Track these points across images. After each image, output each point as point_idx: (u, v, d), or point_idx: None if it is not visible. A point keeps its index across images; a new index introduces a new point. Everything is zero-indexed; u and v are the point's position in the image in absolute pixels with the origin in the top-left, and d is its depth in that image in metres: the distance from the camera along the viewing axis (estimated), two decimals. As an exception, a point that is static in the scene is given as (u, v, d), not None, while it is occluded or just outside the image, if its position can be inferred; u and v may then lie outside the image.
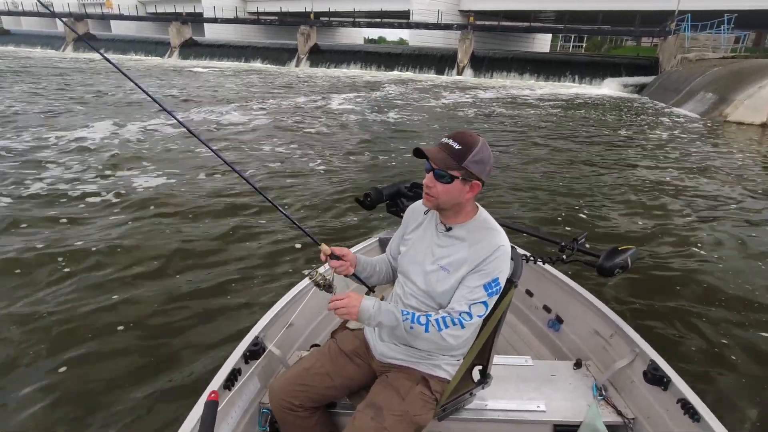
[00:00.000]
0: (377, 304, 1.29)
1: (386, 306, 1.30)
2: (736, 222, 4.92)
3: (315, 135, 9.06)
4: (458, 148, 1.22)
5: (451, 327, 1.26)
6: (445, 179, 1.24)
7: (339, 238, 4.15)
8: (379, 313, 1.27)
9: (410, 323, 1.26)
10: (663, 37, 24.16)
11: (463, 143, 1.23)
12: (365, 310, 1.27)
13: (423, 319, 1.27)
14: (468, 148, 1.23)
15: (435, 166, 1.24)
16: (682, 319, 3.05)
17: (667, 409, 1.53)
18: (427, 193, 1.30)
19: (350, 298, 1.28)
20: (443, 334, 1.26)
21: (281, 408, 1.42)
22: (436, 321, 1.27)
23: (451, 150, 1.23)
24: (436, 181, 1.26)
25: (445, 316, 1.28)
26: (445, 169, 1.23)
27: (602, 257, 1.77)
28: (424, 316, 1.28)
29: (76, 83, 16.69)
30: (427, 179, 1.28)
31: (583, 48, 54.96)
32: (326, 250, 1.40)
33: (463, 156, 1.22)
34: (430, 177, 1.27)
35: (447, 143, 1.24)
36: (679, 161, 7.90)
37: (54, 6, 47.57)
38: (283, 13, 40.49)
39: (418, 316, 1.28)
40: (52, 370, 2.40)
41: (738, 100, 13.09)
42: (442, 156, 1.23)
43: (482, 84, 24.14)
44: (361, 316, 1.28)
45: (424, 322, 1.27)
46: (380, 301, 1.31)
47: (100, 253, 3.66)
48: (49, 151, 6.83)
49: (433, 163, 1.24)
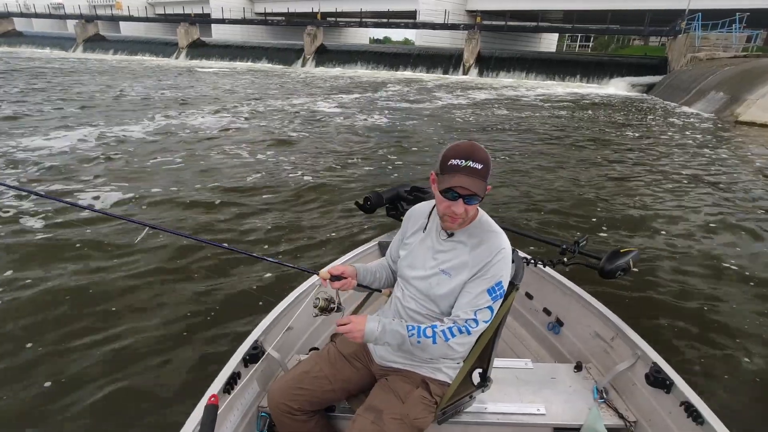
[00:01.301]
0: (381, 325, 1.29)
1: (390, 326, 1.29)
2: (743, 225, 4.85)
3: (315, 135, 9.07)
4: (482, 168, 1.20)
5: (459, 336, 1.27)
6: (476, 201, 1.24)
7: (339, 241, 4.16)
8: (384, 334, 1.28)
9: (417, 338, 1.26)
10: (672, 37, 23.92)
11: (482, 161, 1.20)
12: (370, 333, 1.28)
13: (429, 331, 1.27)
14: (488, 164, 1.22)
15: (467, 194, 1.21)
16: (685, 321, 3.02)
17: (669, 412, 1.52)
18: (454, 218, 1.26)
19: (355, 322, 1.28)
20: (451, 343, 1.26)
21: (280, 411, 1.42)
22: (443, 332, 1.27)
23: (477, 173, 1.20)
24: (467, 206, 1.24)
25: (451, 326, 1.28)
26: (479, 193, 1.21)
27: (604, 260, 1.76)
28: (429, 328, 1.28)
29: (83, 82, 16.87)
30: (457, 207, 1.23)
31: (589, 47, 54.61)
32: (325, 275, 1.41)
33: (487, 173, 1.22)
34: (461, 204, 1.23)
35: (469, 166, 1.19)
36: (687, 161, 7.80)
37: (65, 8, 48.35)
38: (289, 13, 40.70)
39: (424, 328, 1.27)
40: (51, 374, 2.41)
41: (750, 100, 12.91)
42: (475, 183, 1.20)
43: (488, 84, 24.06)
44: (366, 339, 1.29)
45: (431, 334, 1.26)
46: (384, 321, 1.30)
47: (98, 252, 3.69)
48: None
49: (466, 191, 1.20)
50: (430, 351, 1.29)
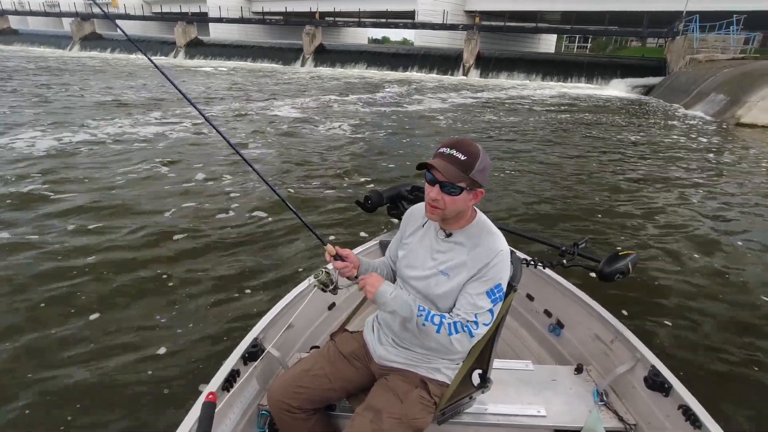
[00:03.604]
0: (396, 292, 1.30)
1: (404, 297, 1.30)
2: (743, 227, 4.86)
3: (315, 136, 9.06)
4: (464, 159, 1.19)
5: (461, 333, 1.27)
6: (454, 192, 1.22)
7: (340, 240, 4.14)
8: (394, 300, 1.28)
9: (423, 320, 1.27)
10: (671, 38, 23.99)
11: (467, 153, 1.20)
12: (381, 294, 1.29)
13: (437, 319, 1.27)
14: (473, 157, 1.20)
15: (443, 180, 1.21)
16: (684, 325, 3.02)
17: (668, 415, 1.53)
18: (433, 206, 1.26)
19: (373, 278, 1.31)
20: (452, 338, 1.27)
21: (280, 409, 1.42)
22: (449, 325, 1.27)
23: (457, 161, 1.19)
24: (443, 194, 1.23)
25: (456, 321, 1.28)
26: (454, 181, 1.20)
27: (603, 262, 1.75)
28: (438, 317, 1.28)
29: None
30: (434, 192, 1.23)
31: (587, 48, 54.73)
32: (331, 251, 1.41)
33: (470, 166, 1.20)
34: (437, 190, 1.22)
35: (452, 154, 1.20)
36: (690, 164, 7.77)
37: (60, 6, 48.13)
38: (288, 12, 40.62)
39: (433, 315, 1.28)
40: (48, 367, 2.41)
41: (751, 102, 12.92)
42: (450, 168, 1.19)
43: (488, 85, 24.06)
44: (376, 298, 1.29)
45: (438, 322, 1.27)
46: (400, 291, 1.32)
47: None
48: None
49: (441, 176, 1.21)
50: (430, 337, 1.29)
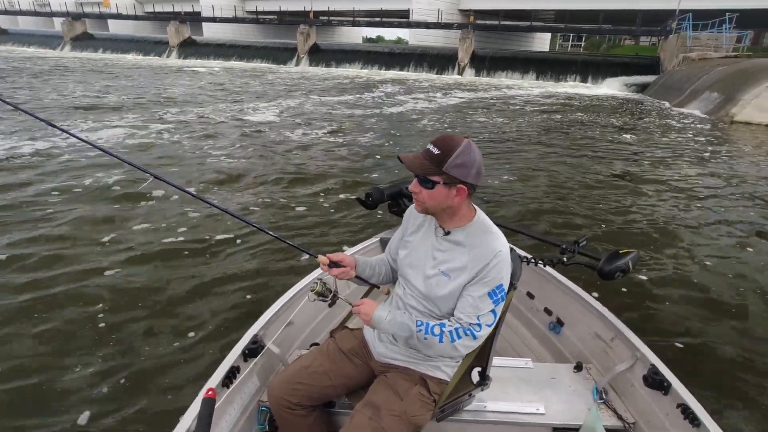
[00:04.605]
0: (391, 315, 1.32)
1: (400, 318, 1.32)
2: (742, 226, 4.86)
3: (314, 136, 9.05)
4: (437, 153, 1.22)
5: (464, 338, 1.29)
6: (428, 185, 1.25)
7: (340, 237, 4.13)
8: (391, 325, 1.32)
9: (424, 334, 1.29)
10: (664, 37, 24.13)
11: (442, 147, 1.22)
12: (377, 321, 1.33)
13: (437, 329, 1.29)
14: (447, 152, 1.22)
15: (418, 173, 1.26)
16: (683, 323, 3.03)
17: (667, 413, 1.53)
18: (415, 198, 1.33)
19: (366, 305, 1.34)
20: (456, 345, 1.29)
21: (280, 406, 1.42)
22: (450, 333, 1.29)
23: (430, 155, 1.23)
24: (421, 187, 1.27)
25: (457, 327, 1.29)
26: (425, 174, 1.25)
27: (603, 260, 1.75)
28: (438, 326, 1.30)
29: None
30: (413, 185, 1.30)
31: (581, 47, 55.02)
32: (324, 261, 1.42)
33: (442, 160, 1.22)
34: (416, 183, 1.29)
35: (427, 149, 1.25)
36: (686, 162, 7.78)
37: (51, 5, 47.64)
38: (282, 12, 40.38)
39: (432, 326, 1.30)
40: (50, 365, 2.40)
41: (745, 100, 12.99)
42: (420, 162, 1.25)
43: (483, 83, 24.07)
44: (373, 324, 1.34)
45: (438, 333, 1.29)
46: (395, 312, 1.34)
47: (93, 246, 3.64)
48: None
49: (410, 169, 1.26)
50: (435, 349, 1.31)
